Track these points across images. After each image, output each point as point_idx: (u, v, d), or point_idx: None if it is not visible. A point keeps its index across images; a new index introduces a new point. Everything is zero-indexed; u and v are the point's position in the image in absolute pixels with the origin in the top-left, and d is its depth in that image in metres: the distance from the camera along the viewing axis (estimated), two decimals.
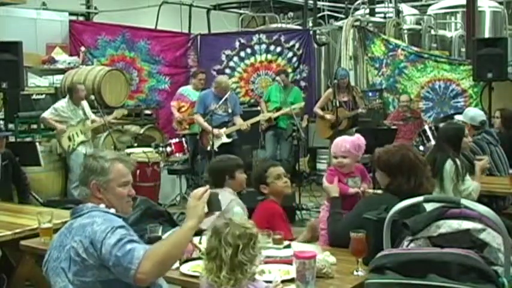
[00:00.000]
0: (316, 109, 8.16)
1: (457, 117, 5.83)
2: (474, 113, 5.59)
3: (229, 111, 7.43)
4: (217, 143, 7.22)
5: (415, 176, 3.01)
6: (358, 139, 3.77)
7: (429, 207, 2.58)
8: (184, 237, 2.37)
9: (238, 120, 7.49)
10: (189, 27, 10.09)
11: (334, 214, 3.35)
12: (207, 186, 2.50)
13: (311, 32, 9.76)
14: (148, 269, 2.22)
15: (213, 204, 2.47)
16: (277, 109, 7.98)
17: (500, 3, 10.72)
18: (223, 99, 7.24)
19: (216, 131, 7.13)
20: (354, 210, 3.18)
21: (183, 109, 7.91)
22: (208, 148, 7.26)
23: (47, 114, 6.96)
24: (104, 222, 2.33)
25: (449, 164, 4.21)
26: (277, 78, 8.13)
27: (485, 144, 5.16)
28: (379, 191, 3.32)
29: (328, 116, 7.91)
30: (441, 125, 7.37)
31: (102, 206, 2.47)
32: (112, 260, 2.24)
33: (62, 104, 7.01)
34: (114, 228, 2.30)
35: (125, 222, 2.46)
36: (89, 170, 2.51)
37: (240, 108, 7.72)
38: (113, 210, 2.48)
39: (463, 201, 2.30)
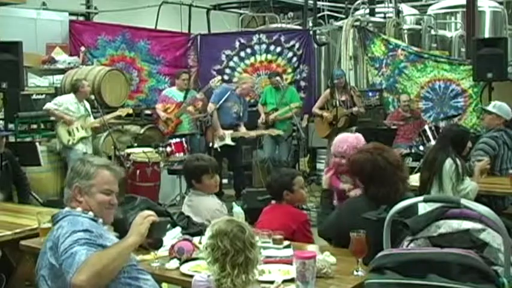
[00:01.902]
0: (315, 109, 8.17)
1: (491, 108, 5.41)
2: (508, 108, 5.37)
3: (241, 114, 7.51)
4: (220, 143, 7.29)
5: (388, 182, 3.00)
6: (357, 140, 3.79)
7: (425, 207, 2.59)
8: (125, 253, 2.31)
9: (242, 127, 7.64)
10: (189, 27, 10.08)
11: (324, 208, 3.41)
12: (153, 213, 2.46)
13: (311, 32, 9.75)
14: (86, 277, 2.16)
15: (155, 232, 2.43)
16: (275, 111, 8.00)
17: (500, 3, 10.72)
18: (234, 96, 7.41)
19: (221, 132, 7.22)
20: (334, 212, 3.23)
21: (169, 110, 7.91)
22: (210, 145, 7.33)
23: (50, 105, 6.97)
24: (67, 226, 2.33)
25: (449, 163, 4.21)
26: (277, 78, 8.13)
27: (500, 142, 5.11)
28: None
29: (325, 114, 7.93)
30: (442, 124, 7.38)
31: (79, 209, 2.46)
32: (60, 262, 2.24)
33: (68, 98, 7.04)
34: (74, 232, 2.28)
35: (99, 224, 2.44)
36: (75, 173, 2.51)
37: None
38: (90, 214, 2.46)
39: (463, 201, 2.30)
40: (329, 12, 10.86)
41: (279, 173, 3.72)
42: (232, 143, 7.46)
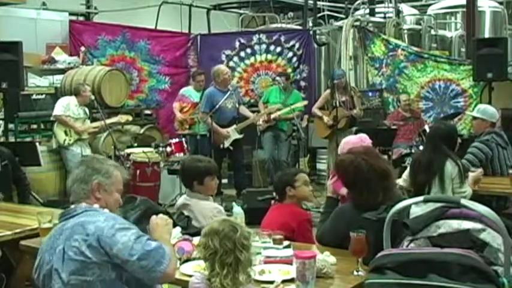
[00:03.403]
0: (314, 109, 8.15)
1: (475, 113, 5.40)
2: (493, 110, 5.33)
3: (237, 105, 7.49)
4: (229, 141, 7.28)
5: (368, 189, 2.99)
6: (361, 140, 3.79)
7: (422, 208, 2.59)
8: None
9: (246, 111, 7.57)
10: (189, 27, 10.09)
11: (324, 213, 3.42)
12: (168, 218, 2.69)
13: (311, 32, 9.75)
14: (174, 266, 2.40)
15: None
16: (277, 110, 7.99)
17: (500, 3, 10.72)
18: (229, 93, 7.32)
19: (224, 132, 7.20)
20: (329, 219, 3.24)
21: (185, 109, 7.92)
22: (221, 146, 7.30)
23: (59, 112, 6.91)
24: (108, 219, 2.36)
25: (451, 165, 4.16)
26: (278, 78, 8.12)
27: (493, 145, 5.07)
28: None
29: (325, 118, 7.91)
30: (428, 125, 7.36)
31: (96, 206, 2.49)
32: (137, 254, 2.27)
33: (69, 99, 7.03)
34: (127, 225, 2.37)
35: None
36: (93, 169, 2.53)
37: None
38: (106, 211, 2.50)
39: (463, 201, 2.30)
40: (329, 12, 10.87)
41: (284, 171, 3.79)
42: (240, 136, 7.45)
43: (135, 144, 7.45)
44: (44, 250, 2.45)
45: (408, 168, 4.59)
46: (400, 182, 4.75)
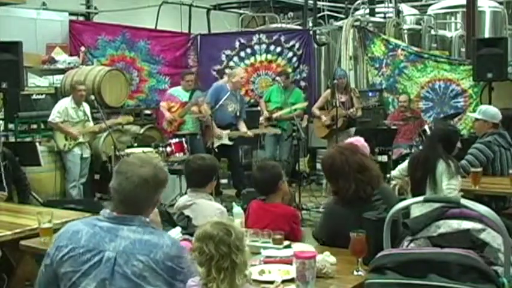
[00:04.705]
0: (314, 109, 8.17)
1: (476, 114, 5.37)
2: (495, 111, 5.29)
3: (237, 113, 7.48)
4: (217, 143, 7.27)
5: (342, 180, 3.12)
6: (355, 142, 3.81)
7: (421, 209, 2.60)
8: None
9: (242, 125, 7.55)
10: (189, 27, 10.09)
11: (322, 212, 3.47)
12: None
13: (311, 32, 9.75)
14: None
15: None
16: (279, 109, 7.99)
17: (500, 3, 10.73)
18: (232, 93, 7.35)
19: (218, 131, 7.19)
20: (322, 214, 3.36)
21: (173, 109, 7.89)
22: (207, 145, 7.31)
23: (55, 119, 6.89)
24: (174, 244, 2.26)
25: (441, 166, 4.21)
26: (277, 78, 8.12)
27: (495, 148, 5.04)
28: None
29: (323, 118, 7.91)
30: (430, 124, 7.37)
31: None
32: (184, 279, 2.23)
33: (65, 103, 7.00)
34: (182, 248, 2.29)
35: None
36: (161, 185, 2.35)
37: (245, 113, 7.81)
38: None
39: (463, 201, 2.30)
40: (329, 12, 10.87)
41: (269, 165, 3.66)
42: (230, 143, 7.43)
43: (135, 144, 7.44)
44: (81, 244, 2.23)
45: (405, 162, 4.65)
46: (393, 172, 4.81)
